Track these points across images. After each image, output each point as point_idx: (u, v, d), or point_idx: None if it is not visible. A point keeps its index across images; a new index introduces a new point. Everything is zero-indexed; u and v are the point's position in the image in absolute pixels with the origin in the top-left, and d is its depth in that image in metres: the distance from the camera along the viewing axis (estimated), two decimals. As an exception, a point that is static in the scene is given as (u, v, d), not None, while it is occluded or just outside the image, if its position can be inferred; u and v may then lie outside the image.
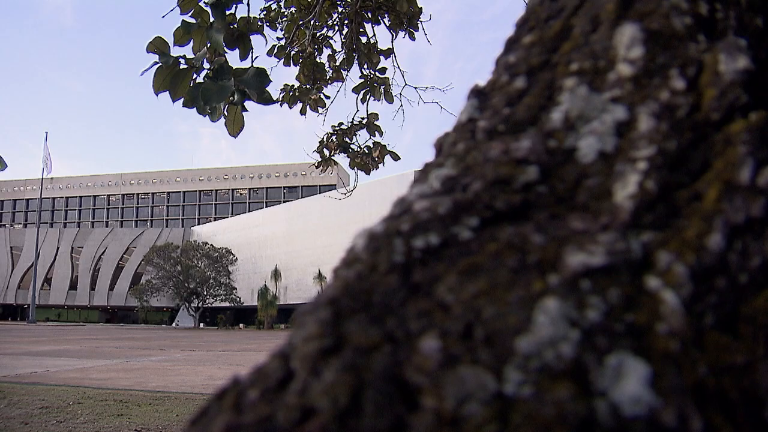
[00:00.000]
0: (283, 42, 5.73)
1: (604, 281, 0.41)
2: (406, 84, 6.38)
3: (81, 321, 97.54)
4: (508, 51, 0.64)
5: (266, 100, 2.77)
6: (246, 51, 3.26)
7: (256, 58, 4.25)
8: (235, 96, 2.68)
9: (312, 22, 5.56)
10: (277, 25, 5.81)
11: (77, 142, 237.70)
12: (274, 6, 5.69)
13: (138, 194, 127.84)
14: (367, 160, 6.03)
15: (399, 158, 6.18)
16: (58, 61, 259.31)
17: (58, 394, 9.61)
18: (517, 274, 0.42)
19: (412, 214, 0.50)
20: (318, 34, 5.80)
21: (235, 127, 2.95)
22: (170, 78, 2.62)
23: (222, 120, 2.90)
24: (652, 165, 0.47)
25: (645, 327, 0.39)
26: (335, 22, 5.94)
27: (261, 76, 2.72)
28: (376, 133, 6.05)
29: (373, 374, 0.37)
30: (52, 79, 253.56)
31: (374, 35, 5.99)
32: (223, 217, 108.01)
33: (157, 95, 2.63)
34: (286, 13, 5.79)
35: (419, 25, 5.93)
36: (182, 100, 2.62)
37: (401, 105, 6.38)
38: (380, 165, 6.12)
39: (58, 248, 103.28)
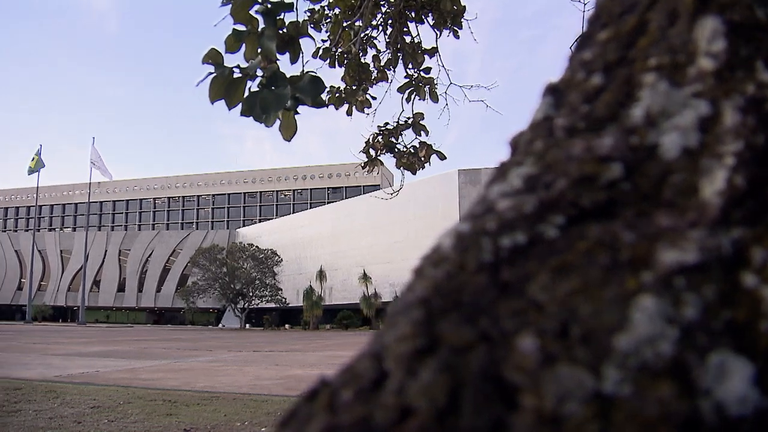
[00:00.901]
0: (327, 44, 5.75)
1: (698, 278, 0.40)
2: (451, 83, 6.36)
3: (129, 322, 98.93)
4: (582, 48, 0.63)
5: (319, 104, 2.78)
6: (296, 55, 3.28)
7: (307, 62, 4.26)
8: (290, 102, 2.70)
9: (357, 24, 5.58)
10: (321, 27, 5.83)
11: (123, 147, 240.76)
12: (317, 8, 5.71)
13: (183, 197, 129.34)
14: (414, 160, 6.03)
15: (445, 157, 6.16)
16: (104, 68, 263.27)
17: (108, 394, 9.75)
18: (610, 272, 0.41)
19: (496, 213, 0.49)
20: (362, 35, 5.80)
21: (289, 132, 2.97)
22: (225, 87, 2.65)
23: (264, 123, 2.92)
24: (740, 160, 0.46)
25: (745, 325, 0.38)
26: (379, 23, 5.95)
27: (316, 83, 2.74)
28: (422, 132, 6.04)
29: (470, 374, 0.37)
30: (97, 85, 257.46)
31: (418, 34, 5.99)
32: (268, 219, 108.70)
33: (212, 104, 2.66)
34: (330, 15, 5.81)
35: (463, 24, 5.91)
36: (240, 108, 2.65)
37: (446, 104, 6.36)
38: (426, 165, 6.12)
39: (106, 251, 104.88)
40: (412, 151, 6.08)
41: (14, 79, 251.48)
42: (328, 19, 5.80)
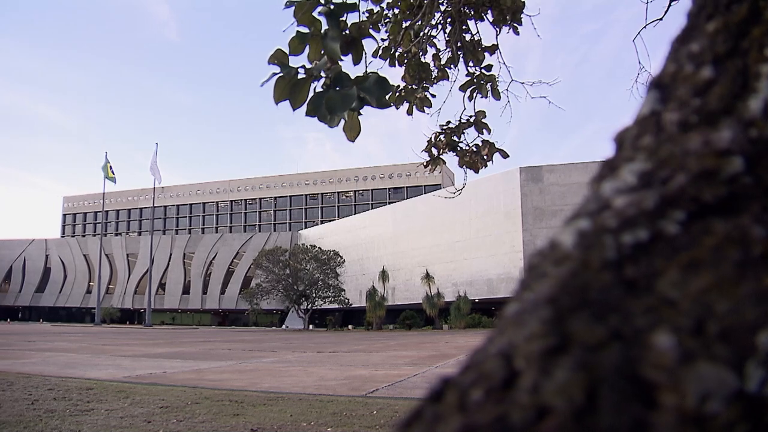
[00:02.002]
0: (387, 44, 5.75)
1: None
2: (512, 80, 6.31)
3: (194, 324, 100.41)
4: (687, 40, 0.62)
5: (384, 104, 2.79)
6: (359, 56, 3.28)
7: (370, 63, 4.27)
8: (355, 103, 2.71)
9: (417, 23, 5.57)
10: (380, 27, 5.83)
11: (186, 152, 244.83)
12: (376, 9, 5.72)
13: (246, 200, 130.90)
14: (476, 159, 5.99)
15: (508, 156, 6.12)
16: (165, 75, 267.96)
17: (176, 395, 9.91)
18: (743, 268, 0.40)
19: (615, 210, 0.49)
20: (422, 34, 5.79)
21: (353, 133, 2.98)
22: (290, 87, 2.67)
23: (328, 124, 2.93)
24: None
25: None
26: (438, 21, 5.93)
27: (382, 84, 2.74)
28: (484, 130, 6.01)
29: (606, 372, 0.37)
30: (160, 92, 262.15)
31: (478, 32, 5.96)
32: (330, 220, 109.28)
33: (277, 104, 2.69)
34: (389, 15, 5.81)
35: (522, 20, 5.86)
36: (305, 109, 2.66)
37: (508, 101, 6.32)
38: (489, 163, 6.08)
39: (171, 254, 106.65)
40: (475, 149, 6.05)
41: (82, 88, 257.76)
42: (387, 20, 5.81)
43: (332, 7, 2.99)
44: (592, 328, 0.40)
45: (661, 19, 5.55)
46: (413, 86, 5.94)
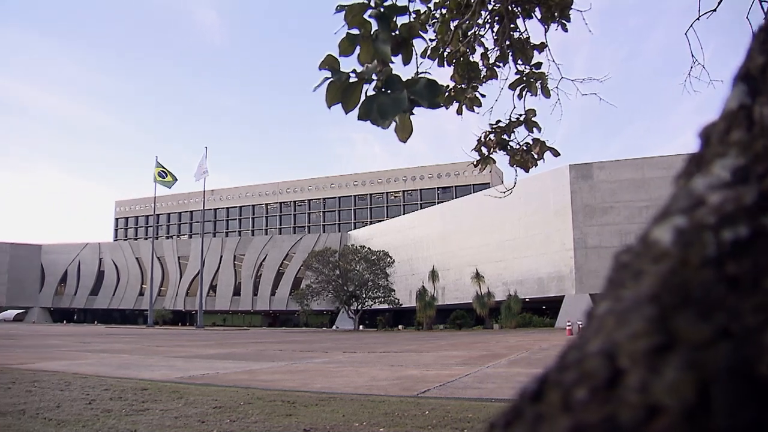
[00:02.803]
0: (435, 43, 5.74)
1: None
2: (562, 77, 6.25)
3: (245, 325, 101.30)
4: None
5: (435, 105, 2.79)
6: (409, 56, 3.29)
7: (421, 63, 4.26)
8: (406, 104, 2.71)
9: (465, 22, 5.55)
10: (428, 27, 5.82)
11: (235, 154, 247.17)
12: (424, 9, 5.71)
13: (295, 201, 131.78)
14: (527, 157, 5.95)
15: (559, 154, 6.06)
16: (213, 80, 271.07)
17: (229, 395, 10.02)
18: None
19: (711, 206, 0.48)
20: (470, 33, 5.77)
21: (405, 134, 2.98)
22: (341, 92, 2.69)
23: (380, 126, 2.93)
24: None
25: None
26: (486, 20, 5.90)
27: (433, 87, 2.74)
28: (534, 129, 5.96)
29: (717, 371, 0.36)
30: (209, 97, 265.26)
31: (526, 30, 5.92)
32: (379, 221, 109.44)
33: (329, 108, 2.70)
34: (437, 15, 5.80)
35: (570, 16, 5.81)
36: (357, 113, 2.67)
37: (558, 99, 6.26)
38: (540, 161, 6.04)
39: (221, 256, 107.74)
40: (525, 148, 6.01)
41: (132, 95, 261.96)
42: (435, 20, 5.79)
43: (382, 9, 3.00)
44: (698, 326, 0.39)
45: (714, 10, 5.45)
46: (462, 86, 5.91)
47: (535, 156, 5.96)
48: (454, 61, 5.83)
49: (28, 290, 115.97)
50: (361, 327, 79.87)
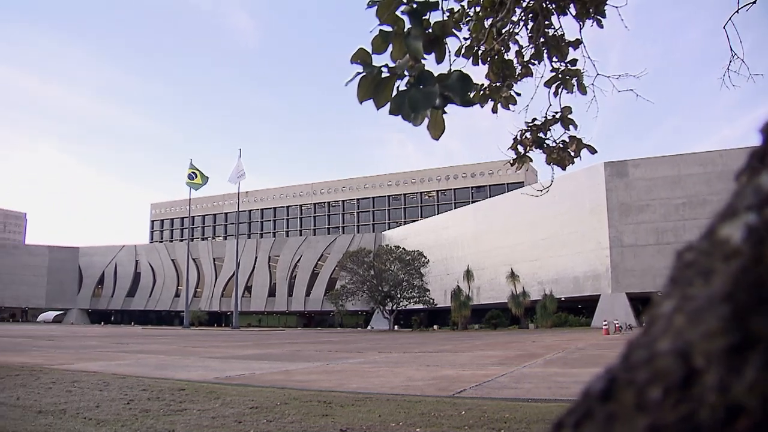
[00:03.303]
0: (469, 42, 5.69)
1: None
2: (598, 74, 6.17)
3: (280, 326, 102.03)
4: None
5: (468, 102, 2.75)
6: (442, 54, 3.25)
7: (454, 61, 4.22)
8: (438, 100, 2.67)
9: (500, 20, 5.50)
10: (461, 26, 5.77)
11: (269, 156, 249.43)
12: (457, 7, 5.66)
13: (329, 202, 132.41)
14: (564, 155, 5.88)
15: (596, 151, 5.98)
16: (247, 82, 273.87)
17: (265, 395, 10.05)
18: None
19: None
20: (504, 31, 5.72)
21: (437, 131, 2.94)
22: (373, 87, 2.66)
23: (412, 122, 2.90)
24: None
25: None
26: (520, 17, 5.84)
27: (464, 81, 2.70)
28: (571, 126, 5.89)
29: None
30: (242, 99, 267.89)
31: (560, 26, 5.85)
32: (413, 220, 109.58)
33: (361, 103, 2.68)
34: (470, 13, 5.75)
35: (606, 12, 5.73)
36: (388, 108, 2.64)
37: (594, 96, 6.18)
38: (577, 159, 5.96)
39: (256, 258, 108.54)
40: (562, 146, 5.94)
41: (167, 98, 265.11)
42: (468, 17, 5.75)
43: (415, 5, 2.97)
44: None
45: (754, 2, 5.35)
46: (497, 84, 5.86)
47: (572, 154, 5.89)
48: (488, 59, 5.79)
49: (66, 292, 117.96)
50: (396, 327, 79.99)
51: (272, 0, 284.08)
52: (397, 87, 2.71)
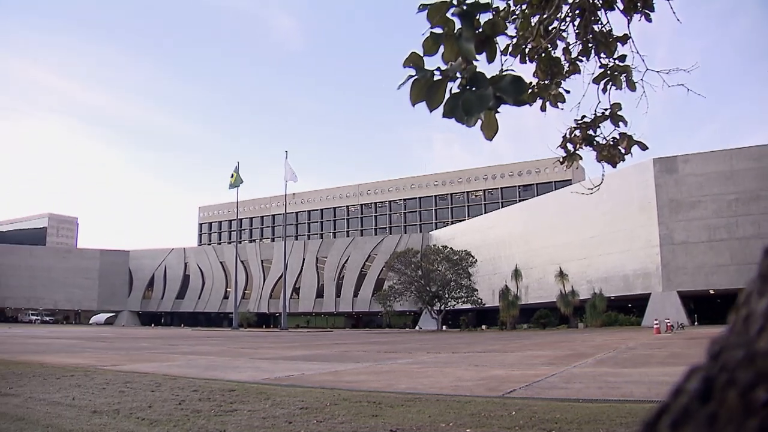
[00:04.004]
0: (516, 40, 5.67)
1: None
2: (647, 69, 6.10)
3: (328, 327, 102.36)
4: None
5: (521, 102, 2.76)
6: (493, 54, 3.25)
7: (505, 61, 4.22)
8: (491, 102, 2.68)
9: (547, 17, 5.47)
10: (508, 23, 5.75)
11: (314, 158, 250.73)
12: (503, 5, 5.64)
13: (376, 203, 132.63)
14: (614, 152, 5.83)
15: (647, 147, 5.91)
16: (292, 84, 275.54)
17: (315, 396, 10.09)
18: None
19: None
20: (551, 28, 5.68)
21: (491, 131, 2.96)
22: (426, 90, 2.67)
23: (465, 124, 2.90)
24: None
25: None
26: (567, 14, 5.80)
27: (517, 83, 2.72)
28: (621, 123, 5.84)
29: None
30: (287, 101, 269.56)
31: (608, 22, 5.80)
32: (460, 220, 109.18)
33: (414, 106, 2.69)
34: (517, 11, 5.73)
35: (654, 5, 5.66)
36: (441, 110, 2.66)
37: (644, 91, 6.11)
38: (627, 156, 5.91)
39: (304, 259, 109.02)
40: (612, 143, 5.89)
41: (213, 103, 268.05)
42: (514, 15, 5.73)
43: (465, 7, 2.98)
44: None
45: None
46: (546, 82, 5.84)
47: (623, 151, 5.84)
48: (536, 57, 5.76)
49: (117, 294, 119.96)
50: (444, 327, 79.71)
51: (315, 2, 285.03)
52: (450, 89, 2.72)
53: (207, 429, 7.24)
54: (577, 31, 5.84)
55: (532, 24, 5.57)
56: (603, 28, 5.78)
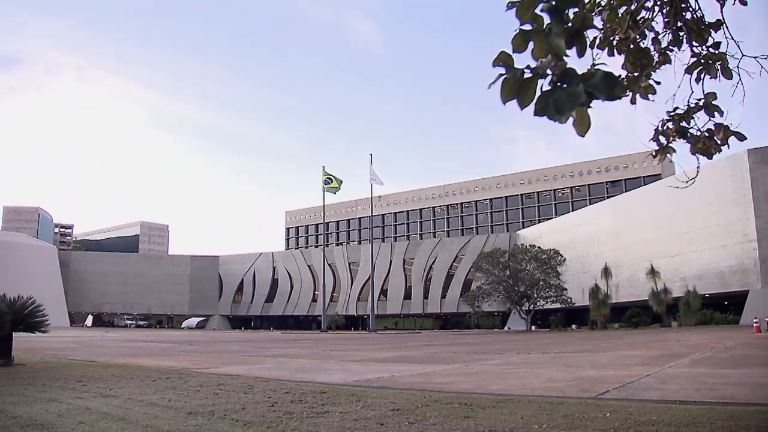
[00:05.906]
0: (603, 32, 5.55)
1: None
2: (743, 55, 5.88)
3: (416, 328, 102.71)
4: None
5: (613, 98, 2.71)
6: (583, 48, 3.20)
7: (597, 55, 4.14)
8: (583, 98, 2.63)
9: (634, 7, 5.34)
10: (594, 16, 5.63)
11: (399, 160, 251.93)
12: (588, -1, 5.53)
13: (461, 203, 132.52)
14: (710, 144, 5.64)
15: (745, 138, 5.70)
16: (375, 87, 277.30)
17: (406, 398, 10.07)
18: None
19: None
20: (639, 18, 5.54)
21: (583, 127, 2.90)
22: (516, 88, 2.65)
23: (557, 121, 2.85)
24: None
25: None
26: (655, 2, 5.65)
27: (609, 79, 2.68)
28: (716, 113, 5.64)
29: None
30: (371, 104, 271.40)
31: (699, 8, 5.61)
32: (548, 219, 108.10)
33: (504, 104, 2.67)
34: (603, 3, 5.60)
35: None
36: (533, 108, 2.62)
37: (740, 79, 5.89)
38: (723, 147, 5.71)
39: (391, 261, 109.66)
40: (707, 134, 5.70)
41: (298, 108, 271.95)
42: (600, 7, 5.61)
43: (554, 2, 2.93)
44: None
45: None
46: (635, 74, 5.69)
47: (719, 142, 5.64)
48: (624, 48, 5.62)
49: (208, 299, 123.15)
50: (533, 327, 79.04)
51: (394, 6, 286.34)
52: (541, 86, 2.68)
53: (300, 431, 7.30)
54: (666, 19, 5.68)
55: (620, 15, 5.44)
56: (694, 15, 5.60)
